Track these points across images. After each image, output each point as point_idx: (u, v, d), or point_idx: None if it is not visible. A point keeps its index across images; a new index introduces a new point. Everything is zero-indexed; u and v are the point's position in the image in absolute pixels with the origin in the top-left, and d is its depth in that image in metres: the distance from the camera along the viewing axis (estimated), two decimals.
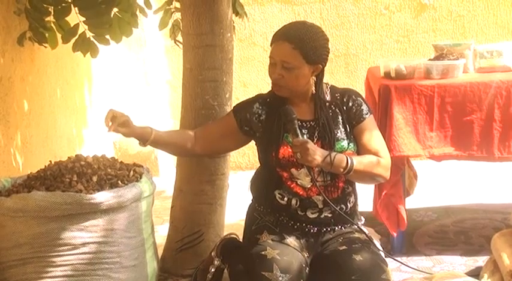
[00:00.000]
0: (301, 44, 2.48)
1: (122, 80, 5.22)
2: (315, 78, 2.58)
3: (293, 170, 2.55)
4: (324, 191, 2.53)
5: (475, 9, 5.34)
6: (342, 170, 2.48)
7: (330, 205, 2.53)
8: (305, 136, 2.52)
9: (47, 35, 3.34)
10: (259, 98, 2.69)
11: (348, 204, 2.62)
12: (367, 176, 2.59)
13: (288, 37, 2.49)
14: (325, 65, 2.58)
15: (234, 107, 2.73)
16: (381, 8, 5.37)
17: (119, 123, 2.53)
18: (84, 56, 3.49)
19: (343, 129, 2.59)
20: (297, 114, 2.51)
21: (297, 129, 2.46)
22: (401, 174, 3.37)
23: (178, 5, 3.53)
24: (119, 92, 5.19)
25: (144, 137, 2.64)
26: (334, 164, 2.45)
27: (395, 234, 3.43)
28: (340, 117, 2.61)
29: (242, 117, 2.66)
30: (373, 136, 2.63)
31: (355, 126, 2.61)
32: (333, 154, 2.46)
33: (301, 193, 2.56)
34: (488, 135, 3.30)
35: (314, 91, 2.59)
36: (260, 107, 2.65)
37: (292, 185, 2.56)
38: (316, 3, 5.37)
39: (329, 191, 2.55)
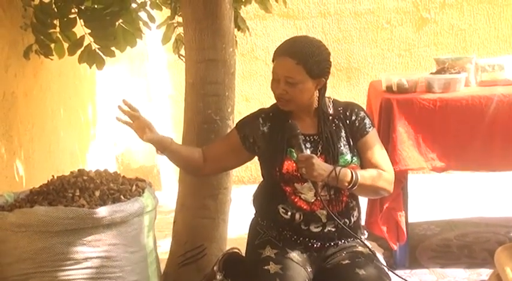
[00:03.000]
0: (304, 59, 2.48)
1: (125, 94, 5.23)
2: (318, 93, 2.59)
3: (296, 184, 2.54)
4: (328, 205, 2.52)
5: (477, 23, 5.36)
6: (346, 184, 2.47)
7: (333, 219, 2.52)
8: (308, 150, 2.51)
9: (52, 46, 3.37)
10: (261, 112, 2.69)
11: (352, 218, 2.61)
12: (371, 190, 2.59)
13: (291, 53, 2.50)
14: (328, 78, 2.59)
15: (237, 123, 2.73)
16: (383, 22, 5.39)
17: (139, 124, 2.63)
18: (90, 67, 3.50)
19: (346, 143, 2.59)
20: (301, 128, 2.50)
21: (302, 144, 2.45)
22: (402, 187, 3.37)
23: (181, 19, 3.54)
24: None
25: (163, 145, 2.65)
26: (339, 179, 2.44)
27: (395, 247, 3.42)
28: (343, 131, 2.60)
29: (245, 133, 2.66)
30: (376, 150, 2.62)
31: (359, 140, 2.61)
32: (338, 168, 2.45)
33: (304, 207, 2.55)
34: (489, 149, 3.31)
35: (317, 105, 2.59)
36: (263, 122, 2.64)
37: (295, 200, 2.56)
38: (318, 17, 5.40)
39: (333, 205, 2.54)
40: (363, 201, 2.81)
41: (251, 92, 5.48)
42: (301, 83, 2.50)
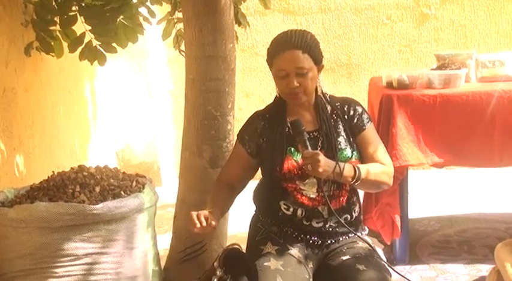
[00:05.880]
0: (308, 47, 2.51)
1: (125, 90, 5.24)
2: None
3: (298, 182, 2.54)
4: (330, 201, 2.52)
5: (477, 19, 5.35)
6: (350, 179, 2.48)
7: (334, 214, 2.52)
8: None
9: (53, 43, 3.36)
10: (258, 115, 2.68)
11: (353, 213, 2.61)
12: (373, 184, 2.59)
13: (295, 44, 2.51)
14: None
15: (237, 134, 2.72)
16: (383, 18, 5.39)
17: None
18: (92, 64, 3.50)
19: (345, 138, 2.59)
20: None
21: (307, 141, 2.45)
22: (399, 183, 3.37)
23: (181, 15, 3.54)
24: (121, 102, 5.20)
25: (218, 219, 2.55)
26: (343, 175, 2.45)
27: (388, 243, 3.43)
28: (341, 127, 2.61)
29: (246, 140, 2.65)
30: (375, 144, 2.63)
31: (357, 136, 2.61)
32: (341, 164, 2.46)
33: (306, 203, 2.55)
34: (489, 145, 3.30)
35: (320, 91, 2.61)
36: (260, 124, 2.64)
37: (297, 196, 2.56)
38: (318, 13, 5.39)
39: (335, 201, 2.55)
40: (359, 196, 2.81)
41: (251, 87, 5.48)
42: (310, 71, 2.52)
